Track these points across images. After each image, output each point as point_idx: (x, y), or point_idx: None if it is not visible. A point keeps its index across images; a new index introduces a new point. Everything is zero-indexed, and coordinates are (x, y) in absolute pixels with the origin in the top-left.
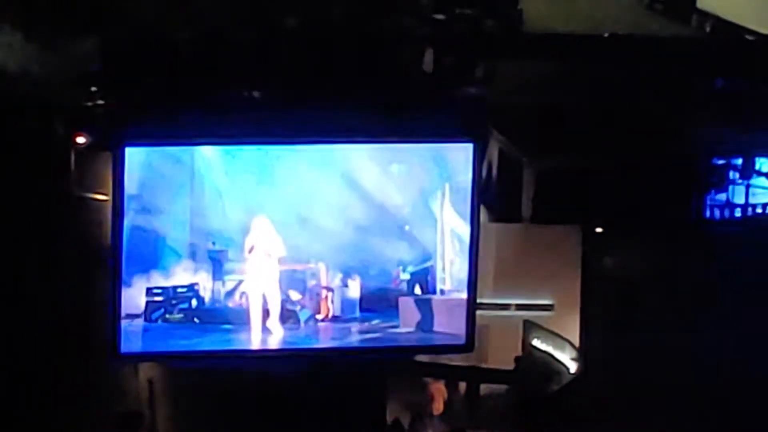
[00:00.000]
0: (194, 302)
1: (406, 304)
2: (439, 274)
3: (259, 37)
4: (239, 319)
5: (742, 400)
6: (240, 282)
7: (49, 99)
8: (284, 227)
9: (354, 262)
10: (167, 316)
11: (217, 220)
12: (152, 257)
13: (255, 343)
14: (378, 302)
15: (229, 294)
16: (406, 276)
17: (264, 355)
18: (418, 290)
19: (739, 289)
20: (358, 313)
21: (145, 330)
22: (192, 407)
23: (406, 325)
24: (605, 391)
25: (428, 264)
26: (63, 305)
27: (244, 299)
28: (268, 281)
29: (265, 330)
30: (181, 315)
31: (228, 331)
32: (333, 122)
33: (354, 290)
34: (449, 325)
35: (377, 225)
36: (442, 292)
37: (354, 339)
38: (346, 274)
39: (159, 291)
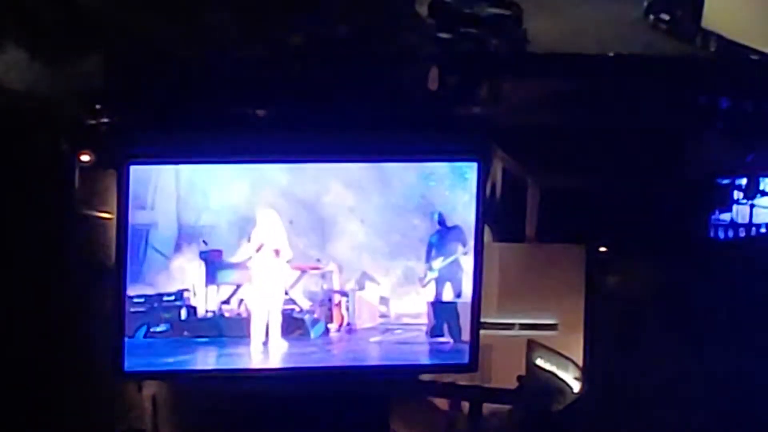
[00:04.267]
0: (183, 312)
1: (434, 309)
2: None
3: (263, 54)
4: (238, 331)
5: (747, 420)
6: (238, 287)
7: (53, 117)
8: (289, 222)
9: (372, 262)
10: (151, 329)
11: (210, 214)
12: (132, 260)
13: (256, 359)
14: (399, 308)
15: (226, 302)
16: (434, 275)
17: (268, 374)
18: (448, 293)
19: (743, 309)
20: (377, 322)
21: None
22: (191, 423)
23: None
24: (609, 411)
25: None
26: (65, 321)
27: (243, 307)
28: (273, 285)
29: (269, 343)
30: (167, 328)
31: (224, 345)
32: (336, 141)
33: (372, 295)
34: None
35: (400, 229)
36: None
37: (369, 353)
38: (364, 277)
39: (140, 300)
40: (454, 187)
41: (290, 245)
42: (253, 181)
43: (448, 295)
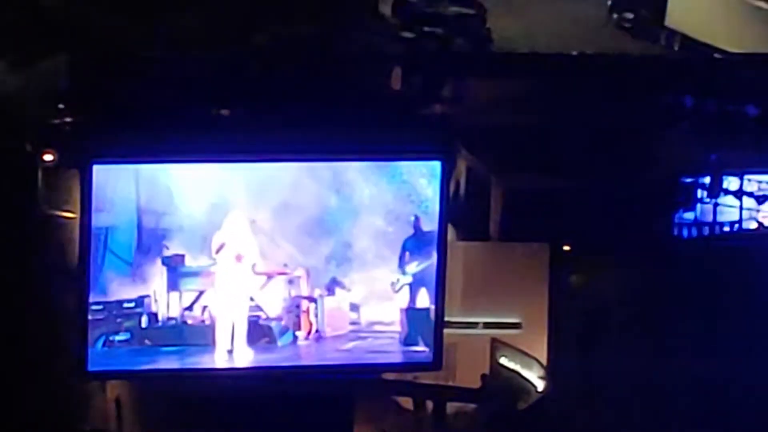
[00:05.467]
0: (144, 320)
1: (408, 316)
2: None
3: (227, 54)
4: (201, 339)
5: (712, 419)
6: (201, 293)
7: (16, 116)
8: (257, 226)
9: (342, 267)
10: (111, 338)
11: (172, 217)
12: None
13: (221, 366)
14: (370, 315)
15: (189, 308)
16: (407, 280)
17: (232, 375)
18: (423, 299)
19: (707, 307)
20: (347, 329)
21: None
22: (156, 424)
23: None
24: (573, 410)
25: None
26: (28, 321)
27: (206, 314)
28: (237, 291)
29: (234, 351)
30: (127, 336)
31: (188, 354)
32: (300, 140)
33: (342, 301)
34: None
35: (368, 232)
36: None
37: (339, 361)
38: (333, 282)
39: (99, 308)
40: (426, 189)
41: (255, 249)
42: (217, 182)
43: (422, 302)
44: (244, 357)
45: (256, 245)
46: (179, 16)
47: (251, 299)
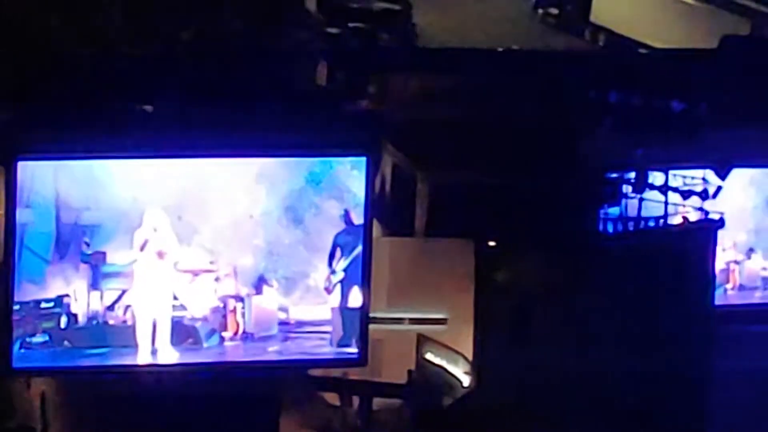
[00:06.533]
0: (63, 320)
1: (340, 316)
2: None
3: (153, 50)
4: (123, 340)
5: (636, 415)
6: (124, 292)
7: None
8: (180, 223)
9: (270, 264)
10: (28, 340)
11: (93, 213)
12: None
13: (144, 363)
14: (300, 314)
15: (110, 308)
16: (338, 277)
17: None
18: (355, 298)
19: (633, 302)
20: (276, 330)
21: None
22: (81, 421)
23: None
24: (499, 405)
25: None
26: None
27: (129, 314)
28: (160, 290)
29: (158, 353)
30: (46, 338)
31: (109, 355)
32: (225, 136)
33: (271, 300)
34: None
35: (297, 228)
36: None
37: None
38: (261, 280)
39: (16, 307)
40: (352, 183)
41: (180, 247)
42: (140, 178)
43: (355, 301)
44: (168, 359)
45: (178, 242)
46: (105, 12)
47: (175, 298)
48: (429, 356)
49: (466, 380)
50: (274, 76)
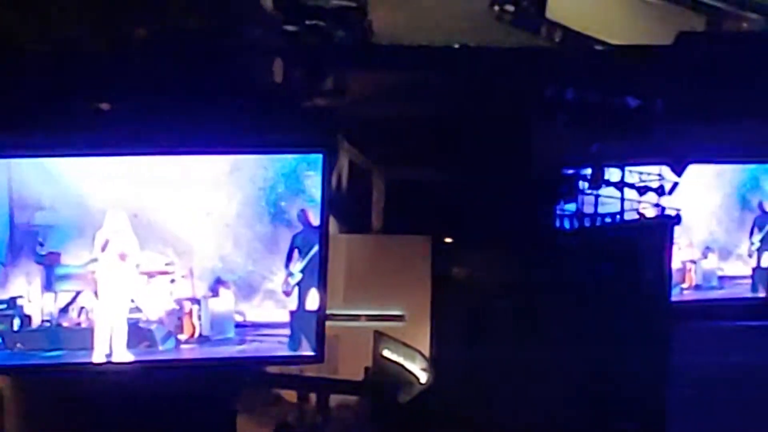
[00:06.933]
0: (16, 323)
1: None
2: None
3: (107, 48)
4: (78, 343)
5: (594, 410)
6: (78, 294)
7: None
8: (138, 222)
9: (227, 266)
10: None
11: (48, 212)
12: None
13: (100, 362)
14: (258, 317)
15: (64, 310)
16: (296, 279)
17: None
18: (313, 301)
19: (589, 298)
20: (233, 333)
21: None
22: (36, 419)
23: (303, 348)
24: (456, 402)
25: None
26: None
27: (84, 317)
28: (117, 292)
29: (113, 356)
30: None
31: (63, 359)
32: (182, 133)
33: (228, 303)
34: None
35: (253, 228)
36: None
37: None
38: (218, 282)
39: None
40: (308, 181)
41: (138, 247)
42: (94, 176)
43: (312, 304)
44: (124, 360)
45: (138, 243)
46: (60, 8)
47: (132, 300)
48: (386, 353)
49: (423, 377)
50: (230, 74)
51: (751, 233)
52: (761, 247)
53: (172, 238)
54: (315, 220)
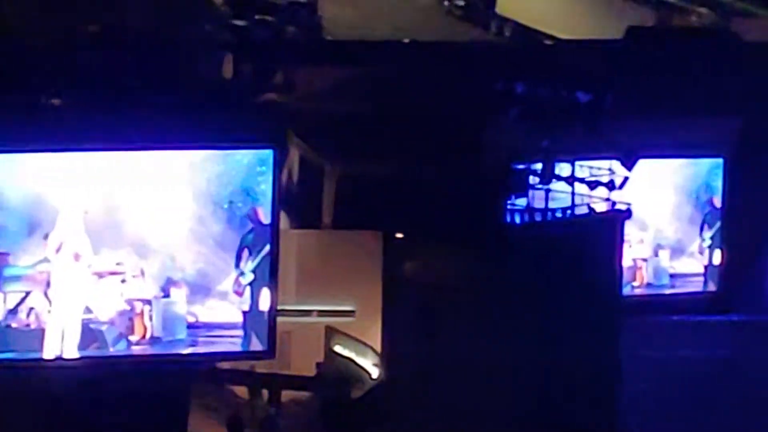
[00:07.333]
0: None
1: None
2: None
3: (58, 43)
4: (28, 344)
5: (544, 403)
6: (27, 294)
7: None
8: (89, 222)
9: (179, 266)
10: None
11: None
12: None
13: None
14: (210, 317)
15: (13, 311)
16: (247, 279)
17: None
18: (265, 300)
19: (539, 293)
20: (185, 334)
21: None
22: None
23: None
24: (407, 396)
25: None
26: None
27: (33, 317)
28: (68, 293)
29: (62, 358)
30: None
31: (12, 361)
32: (134, 130)
33: (179, 303)
34: None
35: (204, 227)
36: None
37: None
38: (169, 283)
39: None
40: (259, 178)
41: (89, 248)
42: (44, 174)
43: (264, 302)
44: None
45: (89, 244)
46: (9, 4)
47: (84, 301)
48: (337, 348)
49: (374, 372)
50: (181, 69)
51: (701, 230)
52: (712, 245)
53: (122, 238)
54: (265, 218)
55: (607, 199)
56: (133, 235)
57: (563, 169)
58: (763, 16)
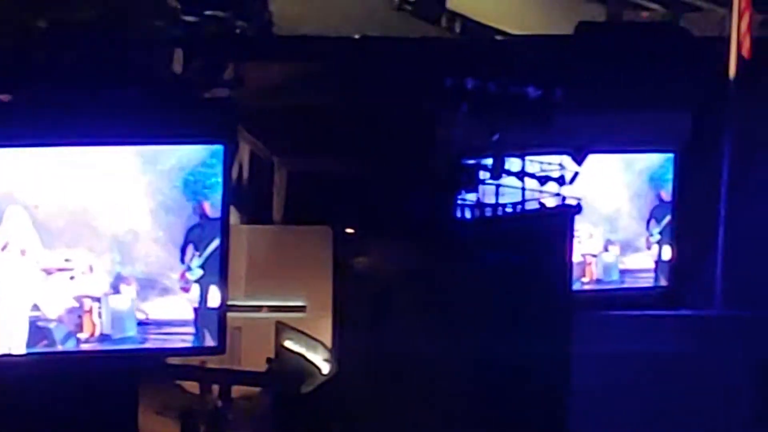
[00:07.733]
0: None
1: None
2: None
3: (6, 38)
4: None
5: (495, 398)
6: None
7: None
8: (36, 217)
9: (129, 262)
10: None
11: None
12: None
13: None
14: (161, 314)
15: None
16: (196, 275)
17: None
18: (214, 297)
19: (489, 288)
20: (135, 331)
21: None
22: None
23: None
24: (358, 392)
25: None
26: None
27: None
28: (15, 290)
29: (10, 355)
30: None
31: None
32: (82, 124)
33: (128, 299)
34: None
35: (154, 223)
36: None
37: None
38: (118, 279)
39: None
40: (208, 173)
41: (37, 244)
42: None
43: (214, 299)
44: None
45: (38, 238)
46: None
47: (31, 298)
48: (288, 344)
49: (325, 367)
50: (130, 64)
51: (648, 224)
52: (662, 239)
53: (71, 233)
54: (213, 212)
55: (558, 194)
56: (82, 230)
57: (513, 164)
58: (711, 11)
